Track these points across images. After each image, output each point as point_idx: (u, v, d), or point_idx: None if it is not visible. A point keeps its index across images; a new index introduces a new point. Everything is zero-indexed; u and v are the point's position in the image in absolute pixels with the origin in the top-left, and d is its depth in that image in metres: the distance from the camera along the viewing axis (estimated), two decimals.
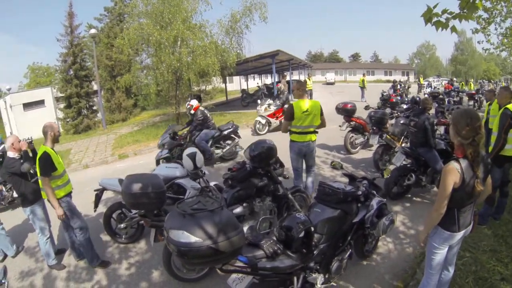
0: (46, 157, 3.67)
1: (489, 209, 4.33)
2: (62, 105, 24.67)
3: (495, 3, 11.56)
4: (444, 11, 2.63)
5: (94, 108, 25.05)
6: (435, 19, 2.67)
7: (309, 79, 20.34)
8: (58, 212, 3.78)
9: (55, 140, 3.92)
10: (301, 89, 4.89)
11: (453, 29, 2.70)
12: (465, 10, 2.58)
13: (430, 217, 2.40)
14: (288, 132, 4.94)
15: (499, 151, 4.14)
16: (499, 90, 4.71)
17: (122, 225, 4.40)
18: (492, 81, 46.26)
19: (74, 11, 24.31)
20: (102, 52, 23.99)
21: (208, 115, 8.00)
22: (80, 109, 24.25)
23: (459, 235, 2.47)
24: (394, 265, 3.73)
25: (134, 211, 4.17)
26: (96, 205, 4.41)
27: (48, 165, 3.68)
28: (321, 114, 4.80)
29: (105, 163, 9.40)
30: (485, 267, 3.42)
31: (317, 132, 4.92)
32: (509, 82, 40.99)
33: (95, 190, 4.39)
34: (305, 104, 4.72)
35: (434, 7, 2.62)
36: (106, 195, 4.87)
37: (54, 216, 3.95)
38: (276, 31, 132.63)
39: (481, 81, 40.38)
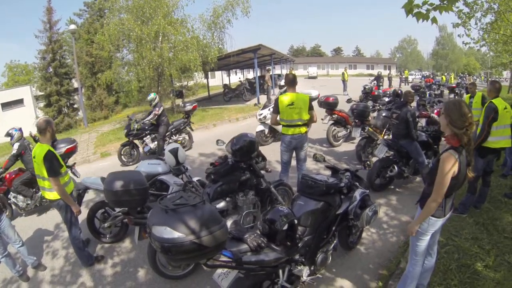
0: (52, 155, 3.48)
1: (471, 198, 4.44)
2: (42, 104, 24.09)
3: None
4: (424, 2, 2.66)
5: (75, 106, 24.57)
6: (415, 10, 2.70)
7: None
8: (75, 208, 3.67)
9: (53, 137, 3.75)
10: (290, 82, 4.85)
11: (434, 20, 2.73)
12: (445, 2, 2.62)
13: (428, 206, 2.42)
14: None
15: (482, 143, 4.26)
16: (489, 84, 4.83)
17: (106, 224, 4.29)
18: (472, 75, 47.79)
19: (53, 6, 23.72)
20: (82, 49, 23.50)
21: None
22: (61, 107, 23.71)
23: (444, 220, 2.57)
24: (379, 255, 3.80)
25: (117, 210, 4.10)
26: (79, 205, 4.31)
27: (57, 164, 3.50)
28: (310, 108, 4.71)
29: (87, 162, 9.19)
30: (468, 254, 3.51)
31: (306, 125, 4.85)
32: (488, 76, 42.23)
33: (77, 190, 4.29)
34: (290, 97, 4.70)
35: None
36: (89, 194, 4.79)
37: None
38: (258, 26, 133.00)
39: (461, 74, 41.57)
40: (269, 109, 8.38)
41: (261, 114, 8.79)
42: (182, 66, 13.09)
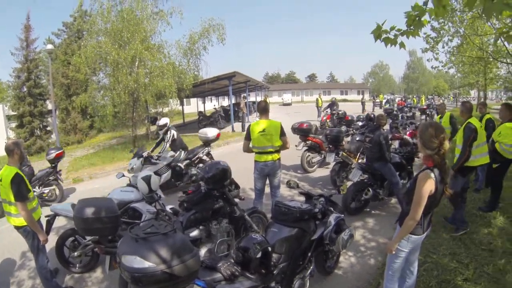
0: (20, 179, 3.32)
1: (461, 212, 4.53)
2: (13, 124, 23.02)
3: (442, 24, 12.64)
4: (392, 28, 2.80)
5: (48, 128, 23.65)
6: (384, 35, 2.83)
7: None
8: (42, 237, 3.48)
9: (22, 159, 3.60)
10: (262, 109, 4.93)
11: (401, 45, 2.87)
12: (412, 27, 2.76)
13: (406, 225, 2.46)
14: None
15: (464, 163, 4.36)
16: (460, 106, 5.08)
17: (76, 253, 4.08)
18: (441, 96, 50.35)
19: (31, 24, 23.17)
20: (58, 70, 22.95)
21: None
22: (33, 129, 22.73)
23: (423, 237, 2.62)
24: (357, 278, 3.78)
25: (88, 238, 3.93)
26: (47, 233, 4.08)
27: (24, 188, 3.34)
28: (282, 134, 4.73)
29: None
30: (447, 269, 3.56)
31: (278, 152, 4.87)
32: (457, 96, 44.69)
33: (46, 216, 4.04)
34: (262, 124, 4.75)
35: (383, 24, 2.79)
36: (59, 221, 4.57)
37: None
38: (233, 53, 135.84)
39: (430, 96, 43.66)
40: (138, 159, 6.91)
41: (130, 164, 7.08)
42: (157, 92, 13.08)
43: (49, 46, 15.49)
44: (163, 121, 7.80)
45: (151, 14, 13.48)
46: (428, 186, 2.35)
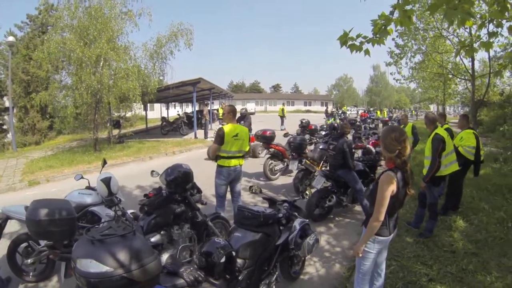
0: None
1: (433, 222, 4.70)
2: None
3: (406, 41, 13.40)
4: (358, 35, 2.90)
5: (4, 127, 22.24)
6: (350, 42, 2.92)
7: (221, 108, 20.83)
8: None
9: None
10: (231, 113, 4.89)
11: (367, 52, 2.98)
12: (377, 35, 2.88)
13: (370, 226, 2.51)
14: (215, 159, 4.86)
15: (435, 173, 4.53)
16: (424, 118, 5.37)
17: (29, 261, 3.73)
18: (402, 109, 53.28)
19: None
20: (19, 65, 21.66)
21: None
22: None
23: (389, 238, 2.68)
24: (323, 283, 3.81)
25: (42, 244, 3.67)
26: None
27: None
28: (249, 140, 4.85)
29: (13, 190, 8.26)
30: (412, 271, 3.70)
31: (244, 157, 4.91)
32: (418, 110, 47.40)
33: None
34: (233, 128, 4.73)
35: (349, 31, 2.88)
36: (11, 225, 4.24)
37: None
38: (199, 60, 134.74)
39: (386, 109, 46.24)
40: None
41: None
42: (121, 95, 12.62)
43: (10, 38, 14.68)
44: None
45: (120, 13, 13.05)
46: (390, 187, 2.44)
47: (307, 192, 4.13)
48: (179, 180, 3.69)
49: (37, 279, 3.91)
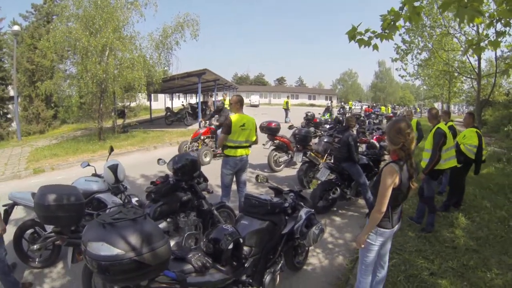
0: None
1: (433, 216, 4.75)
2: None
3: (413, 38, 13.30)
4: (367, 30, 2.89)
5: (9, 116, 22.21)
6: (358, 37, 2.91)
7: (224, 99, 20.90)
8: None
9: None
10: (239, 103, 4.91)
11: (375, 46, 2.97)
12: (386, 30, 2.86)
13: (372, 217, 2.53)
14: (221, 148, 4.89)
15: (435, 166, 4.59)
16: (427, 113, 5.38)
17: (36, 246, 3.79)
18: (406, 106, 53.11)
19: None
20: (24, 54, 21.53)
21: None
22: None
23: (392, 231, 2.69)
24: (326, 274, 3.85)
25: (48, 229, 3.71)
26: (5, 223, 3.80)
27: None
28: (256, 130, 4.87)
29: (18, 177, 8.32)
30: (414, 265, 3.74)
31: (250, 147, 4.95)
32: (422, 107, 47.15)
33: (3, 206, 3.75)
34: (241, 118, 4.75)
35: (358, 26, 2.87)
36: (17, 212, 4.28)
37: None
38: (205, 51, 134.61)
39: (391, 105, 46.11)
40: None
41: None
42: (126, 85, 12.65)
43: (16, 28, 14.62)
44: None
45: (126, 3, 13.04)
46: (391, 178, 2.45)
47: (313, 183, 4.13)
48: (186, 168, 3.73)
49: (42, 265, 3.95)
